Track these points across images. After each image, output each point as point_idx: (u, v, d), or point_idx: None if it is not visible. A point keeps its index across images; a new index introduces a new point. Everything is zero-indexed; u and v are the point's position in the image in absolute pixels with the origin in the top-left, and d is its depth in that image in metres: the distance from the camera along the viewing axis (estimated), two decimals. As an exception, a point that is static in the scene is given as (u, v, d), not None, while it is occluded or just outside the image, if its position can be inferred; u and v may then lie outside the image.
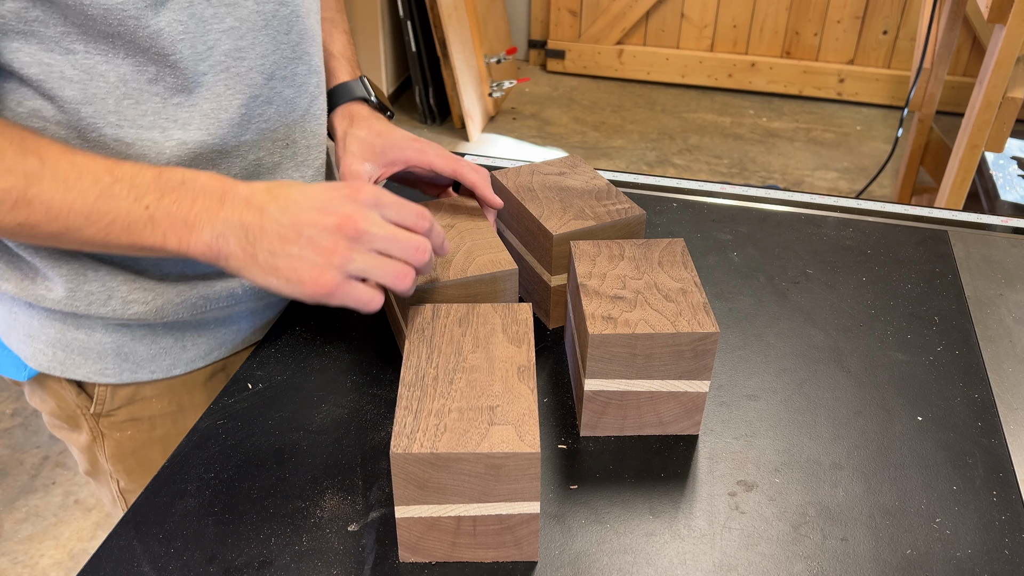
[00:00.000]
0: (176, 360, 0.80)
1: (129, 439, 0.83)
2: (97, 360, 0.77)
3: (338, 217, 0.59)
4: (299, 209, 0.60)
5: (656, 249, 0.73)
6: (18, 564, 1.67)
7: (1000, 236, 0.99)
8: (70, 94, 0.63)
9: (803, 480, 0.66)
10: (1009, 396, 0.75)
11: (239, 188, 0.62)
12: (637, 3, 3.55)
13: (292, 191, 0.62)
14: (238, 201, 0.61)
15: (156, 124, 0.67)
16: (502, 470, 0.54)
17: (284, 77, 0.73)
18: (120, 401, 0.80)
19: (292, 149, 0.77)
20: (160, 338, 0.78)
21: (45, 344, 0.77)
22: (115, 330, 0.76)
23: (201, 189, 0.61)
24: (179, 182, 0.61)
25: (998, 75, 1.72)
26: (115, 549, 0.60)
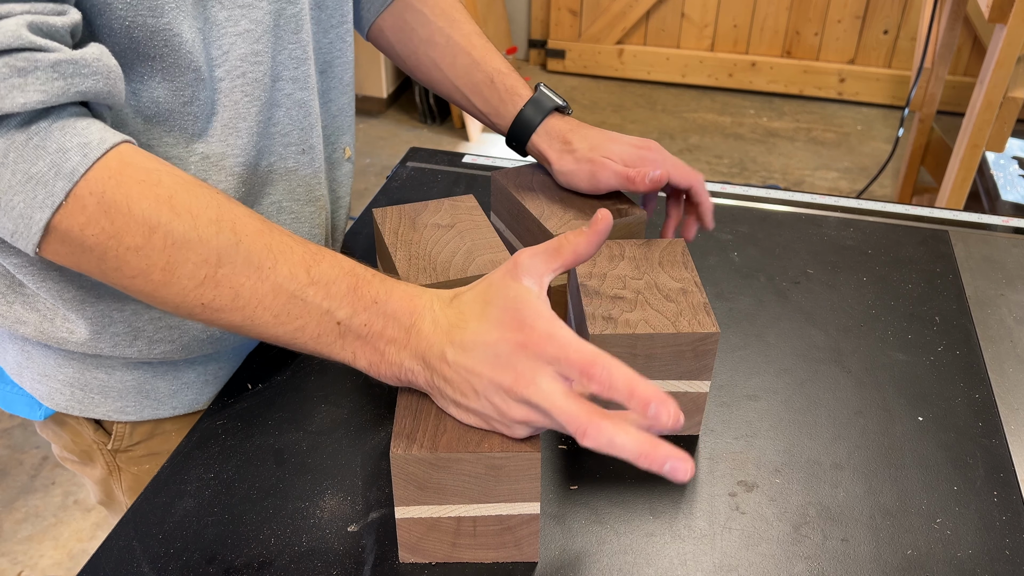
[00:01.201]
0: (198, 395, 0.77)
1: (147, 473, 0.80)
2: (117, 399, 0.75)
3: (507, 378, 0.52)
4: (472, 361, 0.54)
5: (656, 249, 0.73)
6: (18, 564, 1.67)
7: (1001, 236, 0.98)
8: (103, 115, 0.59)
9: (804, 480, 0.66)
10: (1010, 396, 0.75)
11: (425, 320, 0.56)
12: (637, 3, 3.55)
13: (467, 334, 0.54)
14: (423, 339, 0.55)
15: (180, 140, 0.64)
16: (502, 471, 0.54)
17: (295, 79, 0.70)
18: (139, 437, 0.78)
19: (310, 155, 0.74)
20: (182, 373, 0.75)
21: (62, 384, 0.73)
22: (136, 368, 0.73)
23: (391, 314, 0.56)
24: (371, 300, 0.56)
25: (999, 75, 1.72)
26: (115, 549, 0.60)
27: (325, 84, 0.77)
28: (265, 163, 0.70)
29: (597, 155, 0.78)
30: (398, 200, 1.00)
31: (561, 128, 0.81)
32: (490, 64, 0.83)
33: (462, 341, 0.54)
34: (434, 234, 0.75)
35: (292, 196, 0.74)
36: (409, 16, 0.85)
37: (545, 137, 0.81)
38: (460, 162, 1.11)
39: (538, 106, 0.81)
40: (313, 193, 0.75)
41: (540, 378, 0.52)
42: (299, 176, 0.74)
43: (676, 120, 3.43)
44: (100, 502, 0.87)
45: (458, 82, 0.84)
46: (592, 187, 0.79)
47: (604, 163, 0.78)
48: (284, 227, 0.69)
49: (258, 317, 0.55)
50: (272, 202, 0.73)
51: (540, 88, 0.82)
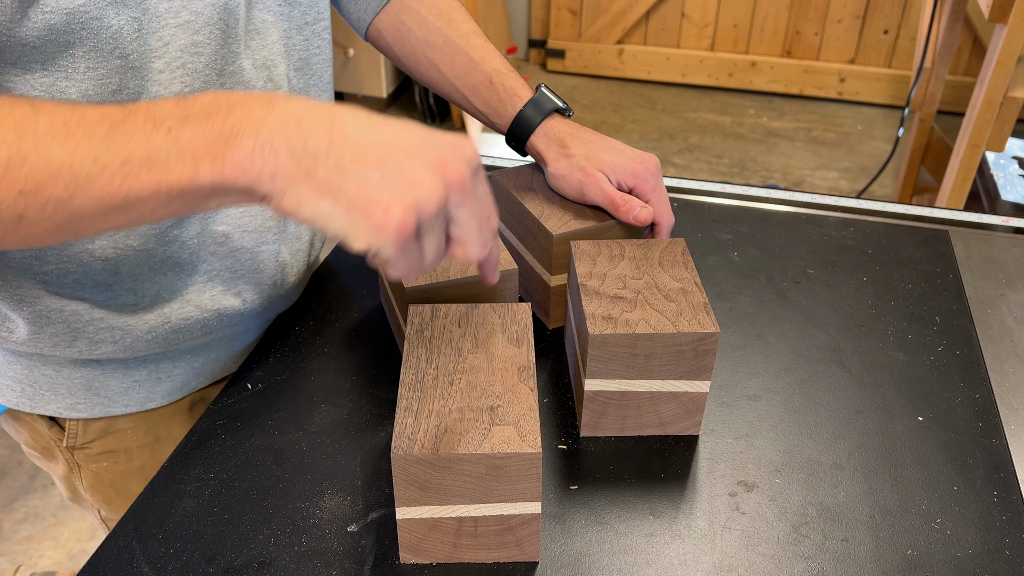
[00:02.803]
0: (151, 393, 0.77)
1: (106, 470, 0.80)
2: (67, 396, 0.74)
3: (440, 157, 0.48)
4: (391, 132, 0.48)
5: (656, 249, 0.73)
6: (18, 564, 1.67)
7: (1001, 236, 0.98)
8: None
9: (804, 480, 0.66)
10: (1010, 396, 0.75)
11: (293, 98, 0.49)
12: (637, 2, 3.55)
13: (372, 115, 0.50)
14: (294, 107, 0.48)
15: None
16: (503, 471, 0.54)
17: (232, 72, 0.67)
18: (93, 434, 0.78)
19: None
20: (132, 371, 0.75)
21: (12, 380, 0.74)
22: (84, 365, 0.73)
23: (239, 100, 0.48)
24: (209, 100, 0.49)
25: (999, 75, 1.72)
26: (114, 549, 0.60)
27: (303, 82, 0.76)
28: None
29: (590, 166, 0.78)
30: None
31: (561, 131, 0.81)
32: (489, 64, 0.83)
33: (369, 117, 0.49)
34: None
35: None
36: (406, 16, 0.85)
37: (544, 138, 0.81)
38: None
39: (538, 107, 0.81)
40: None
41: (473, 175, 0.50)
42: None
43: (676, 120, 3.43)
44: (70, 499, 0.87)
45: (457, 82, 0.84)
46: (578, 198, 0.79)
47: (594, 178, 0.77)
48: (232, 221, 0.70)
49: (79, 172, 0.47)
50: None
51: (541, 89, 0.82)
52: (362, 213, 0.47)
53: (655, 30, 3.63)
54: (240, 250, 0.73)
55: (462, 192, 0.49)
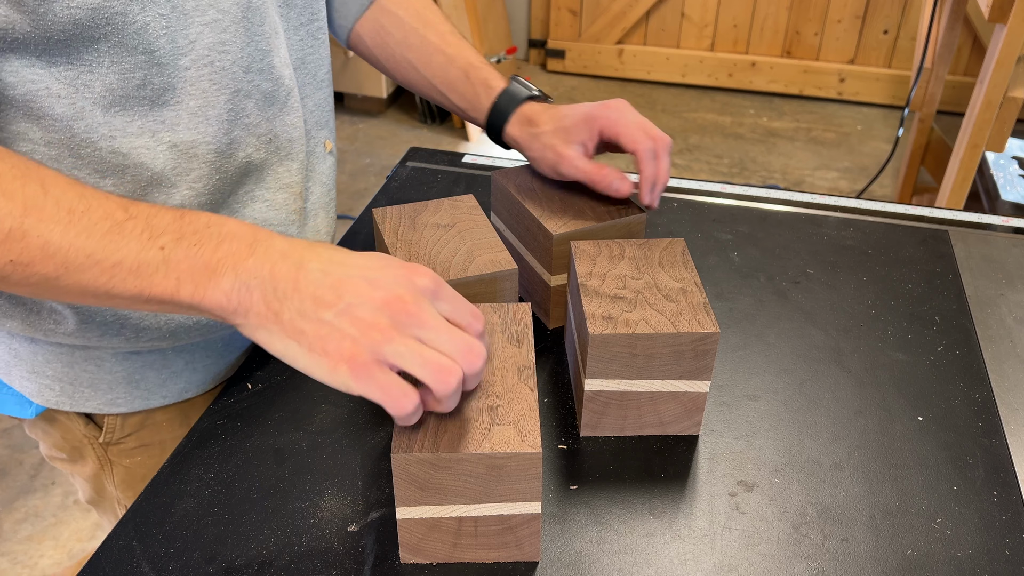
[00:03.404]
0: (188, 383, 0.78)
1: (139, 465, 0.81)
2: (108, 391, 0.75)
3: (388, 294, 0.52)
4: (345, 273, 0.53)
5: (656, 249, 0.73)
6: (18, 564, 1.67)
7: (1001, 236, 0.99)
8: (60, 111, 0.60)
9: (804, 480, 0.66)
10: (1010, 396, 0.75)
11: (274, 239, 0.55)
12: (637, 3, 3.55)
13: (338, 253, 0.55)
14: (272, 251, 0.54)
15: (146, 129, 0.64)
16: (504, 470, 0.54)
17: (261, 70, 0.70)
18: (130, 428, 0.79)
19: (275, 144, 0.74)
20: (171, 363, 0.76)
21: (51, 379, 0.74)
22: (125, 359, 0.74)
23: (228, 234, 0.54)
24: (203, 225, 0.54)
25: (999, 75, 1.72)
26: (115, 549, 0.60)
27: (300, 80, 0.77)
28: (243, 154, 0.71)
29: (560, 141, 0.78)
30: (398, 200, 1.00)
31: (532, 111, 0.81)
32: (464, 59, 0.84)
33: (330, 257, 0.54)
34: (434, 234, 0.75)
35: (263, 185, 0.74)
36: (384, 20, 0.86)
37: (516, 124, 0.81)
38: (460, 162, 1.11)
39: (512, 95, 0.82)
40: (282, 180, 0.75)
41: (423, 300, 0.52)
42: (269, 166, 0.74)
43: (676, 120, 3.43)
44: (89, 500, 0.87)
45: (435, 80, 0.85)
46: (557, 177, 0.80)
47: (566, 155, 0.77)
48: (258, 215, 0.73)
49: (71, 262, 0.52)
50: (246, 191, 0.73)
51: (514, 80, 0.83)
52: (320, 354, 0.51)
53: (655, 30, 3.63)
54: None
55: (414, 320, 0.52)
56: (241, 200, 0.73)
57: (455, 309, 0.54)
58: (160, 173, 0.65)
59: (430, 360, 0.51)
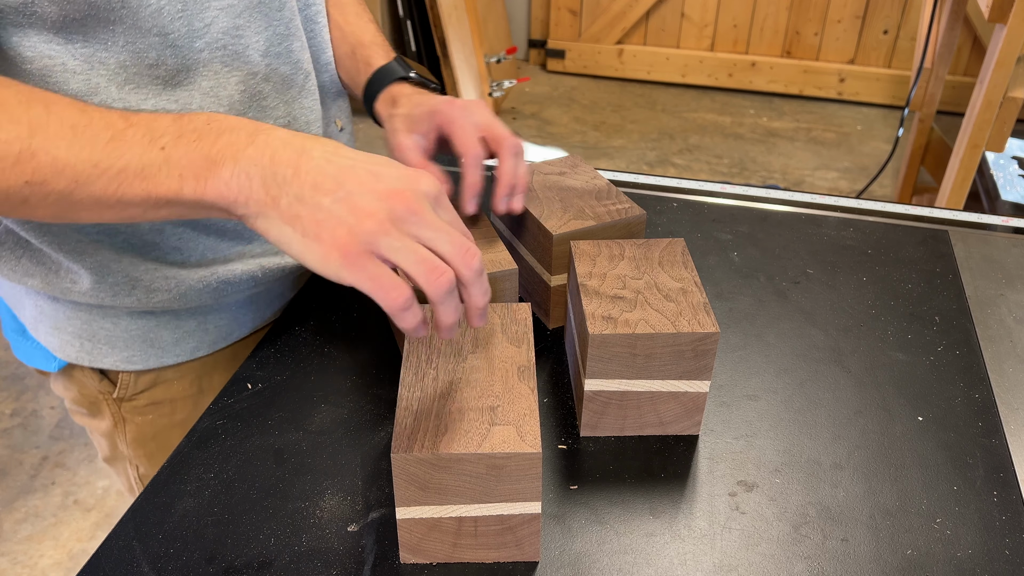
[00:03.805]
0: (200, 342, 0.81)
1: (150, 423, 0.84)
2: (124, 348, 0.78)
3: (390, 187, 0.52)
4: (350, 163, 0.53)
5: (656, 249, 0.73)
6: (18, 564, 1.67)
7: (1001, 236, 0.98)
8: (75, 87, 0.62)
9: (803, 480, 0.66)
10: (1010, 396, 0.75)
11: (277, 129, 0.55)
12: (637, 3, 3.55)
13: (343, 147, 0.55)
14: (273, 139, 0.54)
15: (158, 107, 0.66)
16: (504, 470, 0.54)
17: (279, 54, 0.73)
18: (143, 385, 0.82)
19: (293, 127, 0.76)
20: (184, 322, 0.79)
21: (72, 336, 0.77)
22: (140, 317, 0.77)
23: (228, 127, 0.54)
24: (203, 122, 0.55)
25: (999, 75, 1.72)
26: (115, 549, 0.60)
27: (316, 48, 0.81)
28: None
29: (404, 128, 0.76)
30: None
31: (397, 92, 0.80)
32: (355, 37, 0.84)
33: (335, 149, 0.54)
34: None
35: None
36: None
37: (382, 102, 0.81)
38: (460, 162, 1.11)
39: (385, 74, 0.81)
40: None
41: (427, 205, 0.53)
42: None
43: (676, 120, 3.43)
44: (105, 459, 0.90)
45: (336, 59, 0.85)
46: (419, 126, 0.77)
47: (400, 146, 0.75)
48: None
49: (81, 175, 0.54)
50: None
51: (395, 60, 0.82)
52: (313, 239, 0.51)
53: (655, 30, 3.63)
54: None
55: (414, 217, 0.52)
56: None
57: (453, 218, 0.55)
58: None
59: (425, 258, 0.51)
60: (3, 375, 2.15)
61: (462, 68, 3.08)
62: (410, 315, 0.52)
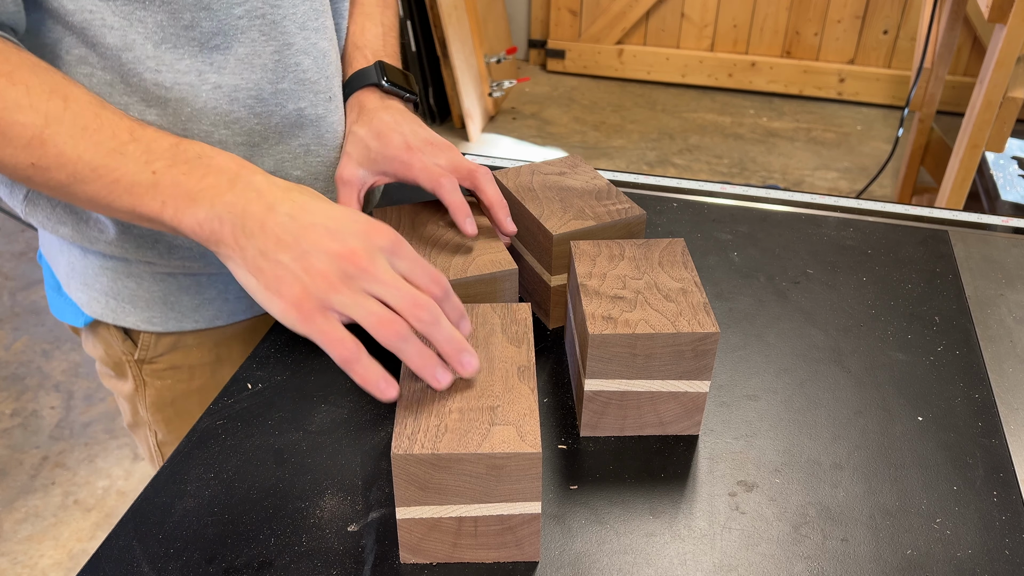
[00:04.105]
0: (219, 311, 0.83)
1: (169, 388, 0.86)
2: (145, 308, 0.81)
3: (343, 247, 0.56)
4: (310, 220, 0.57)
5: (656, 249, 0.73)
6: (18, 564, 1.67)
7: (1001, 236, 0.99)
8: (111, 41, 0.65)
9: (803, 480, 0.66)
10: (1010, 396, 0.75)
11: (256, 177, 0.59)
12: (637, 3, 3.55)
13: (311, 201, 0.59)
14: (249, 189, 0.58)
15: (193, 68, 0.68)
16: (504, 470, 0.54)
17: (317, 28, 0.75)
18: (163, 348, 0.84)
19: (335, 103, 0.79)
20: (205, 289, 0.82)
21: (99, 292, 0.80)
22: (163, 280, 0.80)
23: (215, 167, 0.59)
24: (195, 155, 0.60)
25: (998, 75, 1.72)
26: (115, 549, 0.60)
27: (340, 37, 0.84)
28: (293, 107, 0.75)
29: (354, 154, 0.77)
30: (398, 200, 1.00)
31: (363, 102, 0.80)
32: (353, 36, 0.86)
33: (303, 204, 0.58)
34: (434, 234, 0.75)
35: (320, 141, 0.79)
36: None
37: (348, 109, 0.81)
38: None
39: (359, 77, 0.82)
40: (339, 140, 0.80)
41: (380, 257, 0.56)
42: (327, 123, 0.79)
43: (676, 120, 3.43)
44: (128, 424, 0.93)
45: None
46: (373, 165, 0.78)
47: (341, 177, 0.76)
48: (309, 168, 0.77)
49: (79, 173, 0.59)
50: (301, 144, 0.77)
51: (377, 64, 0.82)
52: (274, 293, 0.57)
53: (655, 30, 3.63)
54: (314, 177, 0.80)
55: (364, 274, 0.56)
56: (295, 153, 0.77)
57: (412, 269, 0.58)
58: (200, 110, 0.70)
59: (372, 311, 0.55)
60: (3, 375, 2.15)
61: (462, 68, 3.08)
62: (360, 368, 0.56)
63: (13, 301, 2.41)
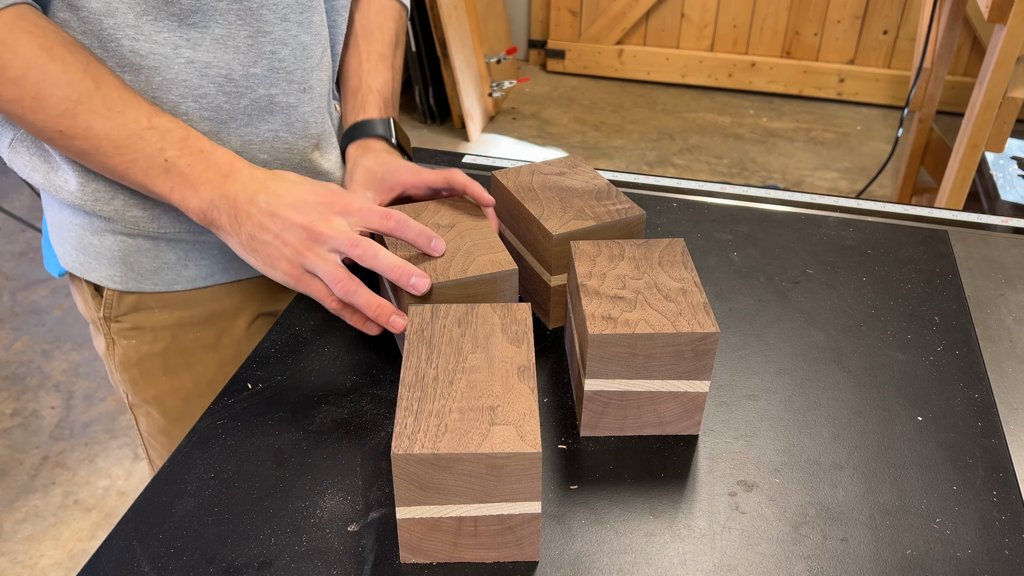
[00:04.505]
0: (177, 276, 0.86)
1: (134, 348, 0.89)
2: (108, 266, 0.84)
3: (306, 219, 0.68)
4: (279, 204, 0.69)
5: (656, 249, 0.73)
6: (18, 564, 1.67)
7: (1000, 236, 0.99)
8: (95, 6, 0.69)
9: (803, 480, 0.66)
10: (1009, 396, 0.75)
11: (243, 172, 0.71)
12: (637, 3, 3.55)
13: (282, 186, 0.71)
14: (237, 183, 0.70)
15: (169, 41, 0.73)
16: (504, 470, 0.54)
17: (300, 23, 0.79)
18: (125, 308, 0.87)
19: (309, 94, 0.83)
20: (163, 253, 0.84)
21: (71, 246, 0.85)
22: (123, 240, 0.83)
23: (214, 162, 0.71)
24: (199, 149, 0.71)
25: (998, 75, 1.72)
26: (115, 549, 0.60)
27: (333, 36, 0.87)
28: (264, 92, 0.79)
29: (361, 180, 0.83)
30: (398, 200, 1.00)
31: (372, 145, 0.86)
32: (368, 77, 0.91)
33: (276, 190, 0.70)
34: None
35: (290, 129, 0.83)
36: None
37: (355, 147, 0.87)
38: (460, 162, 1.11)
39: (368, 126, 0.88)
40: (309, 130, 0.85)
41: (336, 220, 0.69)
42: (299, 112, 0.83)
43: (676, 120, 3.43)
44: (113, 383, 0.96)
45: (340, 81, 0.94)
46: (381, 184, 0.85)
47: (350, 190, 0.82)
48: (275, 154, 0.84)
49: (102, 147, 0.69)
50: (270, 129, 0.82)
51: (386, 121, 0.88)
52: (270, 267, 0.70)
53: (655, 31, 3.64)
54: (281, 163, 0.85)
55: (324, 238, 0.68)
56: (264, 138, 0.82)
57: (363, 219, 0.71)
58: (171, 81, 0.74)
59: (329, 269, 0.69)
60: (3, 375, 2.15)
61: (462, 68, 3.08)
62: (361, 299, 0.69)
63: (13, 301, 2.41)
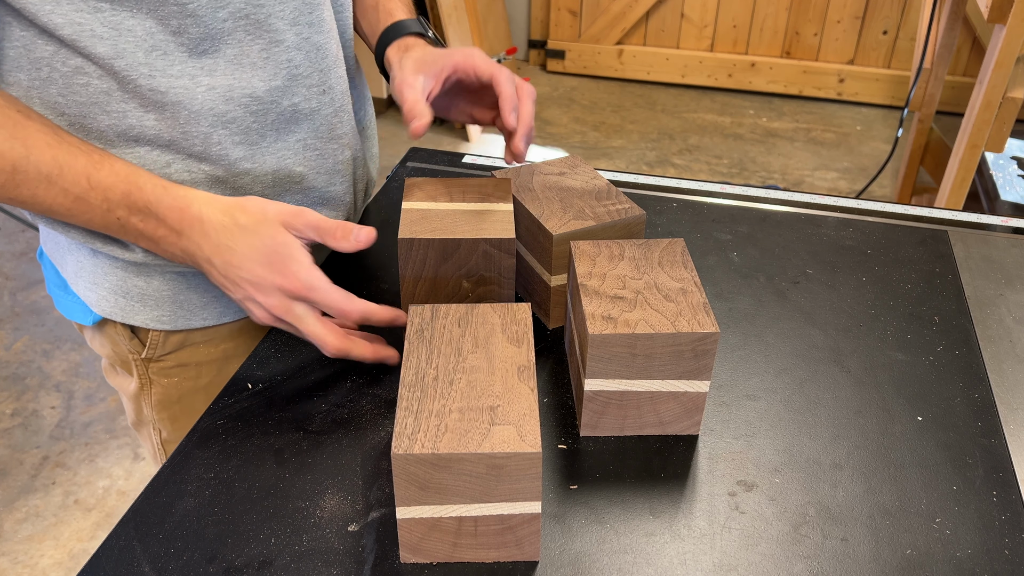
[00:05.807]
0: (226, 308, 0.85)
1: (175, 386, 0.87)
2: (154, 307, 0.82)
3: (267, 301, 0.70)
4: (237, 276, 0.70)
5: (656, 249, 0.73)
6: (18, 564, 1.67)
7: (1000, 236, 0.99)
8: (102, 51, 0.67)
9: (803, 480, 0.66)
10: (1009, 396, 0.75)
11: (194, 228, 0.70)
12: (637, 3, 3.55)
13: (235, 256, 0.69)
14: (192, 242, 0.70)
15: (185, 72, 0.70)
16: (504, 470, 0.54)
17: (311, 23, 0.76)
18: (171, 347, 0.85)
19: (329, 95, 0.81)
20: (212, 287, 0.83)
21: (108, 291, 0.81)
22: (172, 279, 0.81)
23: (162, 218, 0.69)
24: (144, 205, 0.69)
25: (998, 75, 1.73)
26: (115, 549, 0.60)
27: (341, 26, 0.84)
28: (288, 103, 0.77)
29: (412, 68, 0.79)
30: (398, 201, 1.00)
31: (412, 42, 0.84)
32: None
33: (229, 261, 0.70)
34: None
35: (316, 134, 0.81)
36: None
37: (395, 48, 0.85)
38: (460, 162, 1.11)
39: (402, 26, 0.85)
40: (335, 131, 0.83)
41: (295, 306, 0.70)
42: (322, 115, 0.81)
43: (676, 120, 3.43)
44: (132, 423, 0.94)
45: (357, 12, 0.91)
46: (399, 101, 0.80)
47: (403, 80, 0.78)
48: (309, 163, 0.83)
49: (56, 212, 0.68)
50: (298, 139, 0.80)
51: (418, 17, 0.87)
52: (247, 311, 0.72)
53: (655, 31, 3.64)
54: (312, 189, 0.83)
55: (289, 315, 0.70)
56: (294, 148, 0.79)
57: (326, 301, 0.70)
58: (198, 112, 0.72)
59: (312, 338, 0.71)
60: (3, 375, 2.15)
61: (462, 68, 3.08)
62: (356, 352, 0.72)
63: (13, 301, 2.41)
